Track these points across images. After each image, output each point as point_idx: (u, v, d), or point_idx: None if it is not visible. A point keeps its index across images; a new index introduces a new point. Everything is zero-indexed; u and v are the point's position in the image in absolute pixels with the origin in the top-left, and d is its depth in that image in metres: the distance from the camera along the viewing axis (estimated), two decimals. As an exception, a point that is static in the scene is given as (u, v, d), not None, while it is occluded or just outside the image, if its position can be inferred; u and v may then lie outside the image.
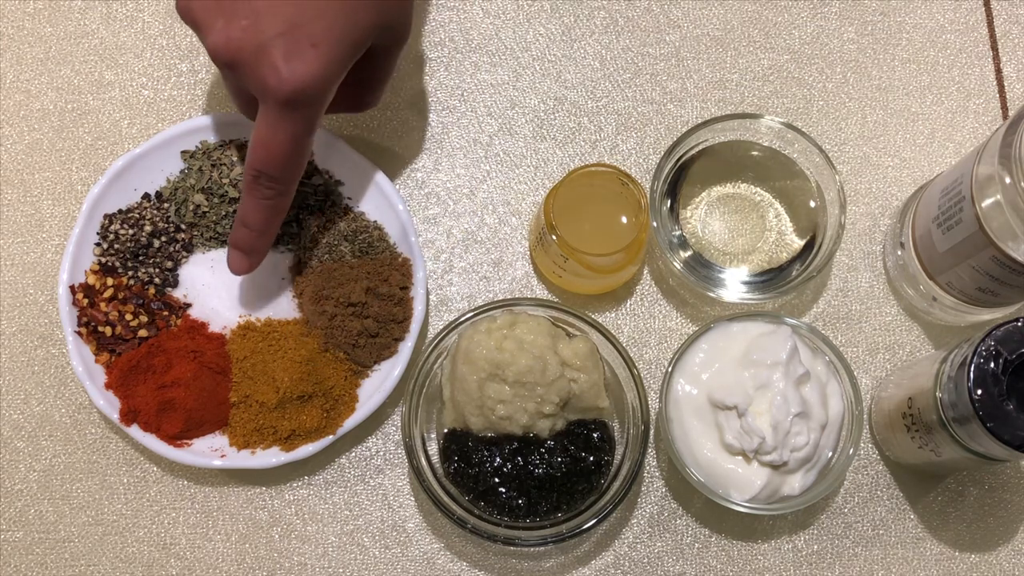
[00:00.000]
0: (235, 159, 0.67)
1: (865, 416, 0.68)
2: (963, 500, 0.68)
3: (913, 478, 0.68)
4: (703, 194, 0.70)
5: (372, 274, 0.64)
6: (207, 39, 0.54)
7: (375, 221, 0.67)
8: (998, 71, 0.75)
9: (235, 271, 0.62)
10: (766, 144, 0.69)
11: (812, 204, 0.69)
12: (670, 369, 0.63)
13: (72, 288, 0.65)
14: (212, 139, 0.67)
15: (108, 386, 0.63)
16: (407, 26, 0.60)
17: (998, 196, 0.56)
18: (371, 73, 0.61)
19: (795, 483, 0.61)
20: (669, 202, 0.69)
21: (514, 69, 0.74)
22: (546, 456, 0.62)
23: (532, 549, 0.66)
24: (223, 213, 0.66)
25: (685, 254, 0.68)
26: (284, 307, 0.67)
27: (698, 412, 0.62)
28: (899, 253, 0.68)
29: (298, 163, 0.58)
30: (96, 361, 0.64)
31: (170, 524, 0.66)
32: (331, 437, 0.63)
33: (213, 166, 0.67)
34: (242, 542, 0.66)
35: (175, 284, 0.67)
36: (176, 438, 0.63)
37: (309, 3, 0.53)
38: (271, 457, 0.63)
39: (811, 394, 0.61)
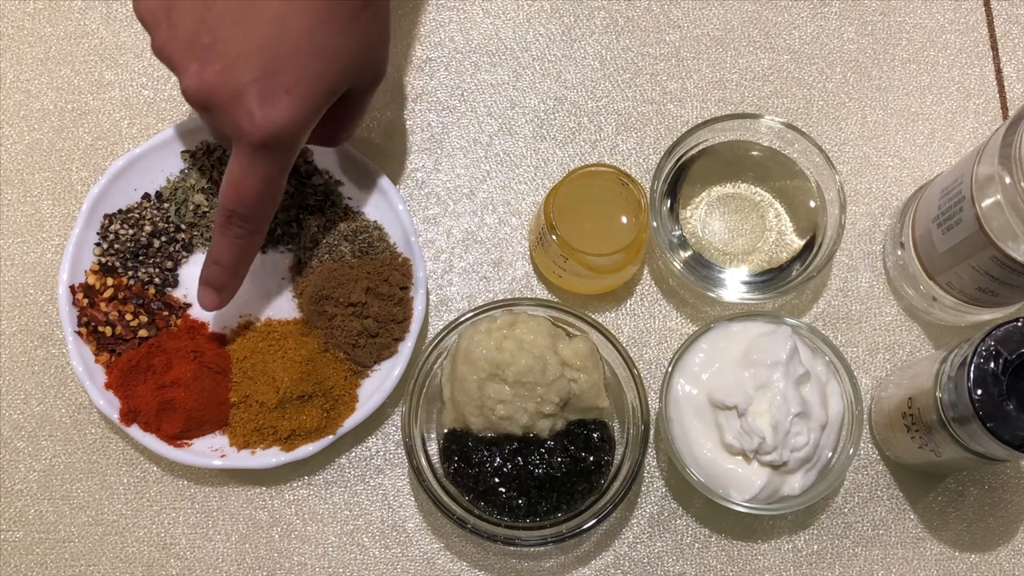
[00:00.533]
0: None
1: (865, 416, 0.68)
2: (963, 500, 0.68)
3: (913, 478, 0.68)
4: (703, 194, 0.70)
5: (372, 274, 0.64)
6: (181, 81, 0.54)
7: (375, 221, 0.67)
8: (998, 71, 0.75)
9: (205, 307, 0.62)
10: (766, 144, 0.69)
11: (812, 204, 0.69)
12: (670, 369, 0.63)
13: (72, 288, 0.65)
14: (212, 139, 0.67)
15: (108, 386, 0.63)
16: (383, 69, 0.59)
17: (998, 196, 0.56)
18: (344, 112, 0.60)
19: (795, 483, 0.61)
20: (669, 202, 0.69)
21: (514, 69, 0.74)
22: (546, 456, 0.62)
23: (532, 549, 0.66)
24: (223, 213, 0.66)
25: (685, 254, 0.68)
26: (284, 307, 0.67)
27: (698, 412, 0.62)
28: (899, 253, 0.68)
29: (270, 203, 0.58)
30: (96, 361, 0.64)
31: (170, 524, 0.66)
32: (331, 437, 0.63)
33: (213, 166, 0.67)
34: (242, 542, 0.66)
35: (175, 284, 0.67)
36: (176, 438, 0.63)
37: (284, 50, 0.53)
38: (271, 457, 0.63)
39: (811, 394, 0.61)
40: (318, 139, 0.62)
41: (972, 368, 0.54)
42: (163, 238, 0.67)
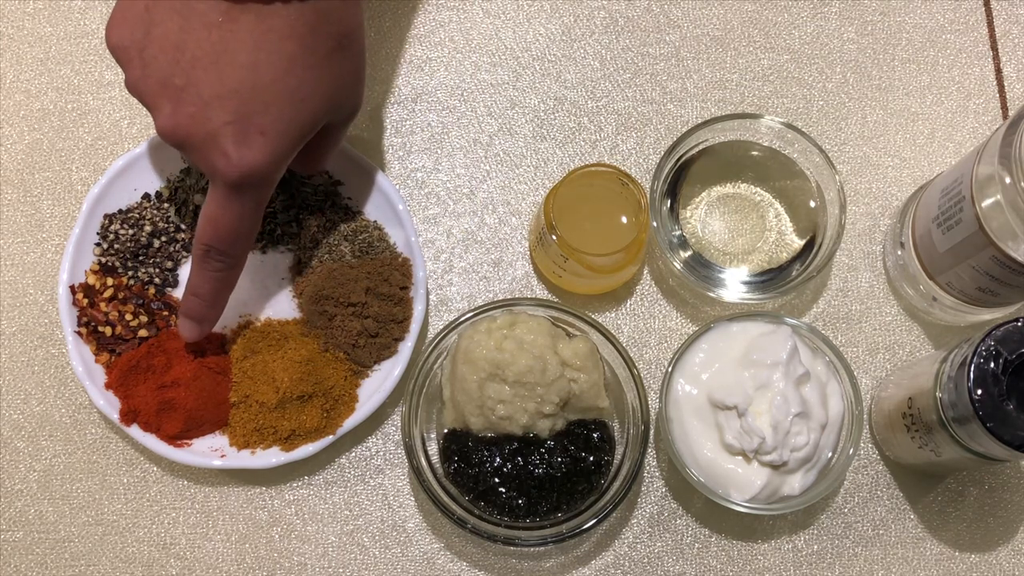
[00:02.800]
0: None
1: (865, 416, 0.68)
2: (963, 500, 0.68)
3: (913, 478, 0.68)
4: (703, 194, 0.70)
5: (372, 274, 0.64)
6: (156, 120, 0.54)
7: (375, 221, 0.67)
8: (998, 71, 0.75)
9: (186, 338, 0.62)
10: (766, 144, 0.69)
11: (812, 204, 0.69)
12: (670, 369, 0.63)
13: (72, 288, 0.65)
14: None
15: (108, 386, 0.63)
16: (358, 106, 0.59)
17: (998, 196, 0.56)
18: (320, 144, 0.61)
19: (795, 483, 0.61)
20: (669, 202, 0.69)
21: (514, 69, 0.74)
22: (546, 456, 0.62)
23: (532, 549, 0.66)
24: (223, 213, 0.66)
25: (685, 254, 0.68)
26: (284, 307, 0.67)
27: (698, 412, 0.62)
28: (899, 253, 0.68)
29: (247, 238, 0.58)
30: (96, 361, 0.64)
31: (170, 524, 0.66)
32: (331, 437, 0.63)
33: (213, 166, 0.67)
34: (242, 542, 0.66)
35: (175, 284, 0.67)
36: (176, 438, 0.63)
37: (257, 94, 0.52)
38: (271, 457, 0.63)
39: (811, 394, 0.61)
40: (293, 166, 0.62)
41: (972, 368, 0.54)
42: (163, 238, 0.67)
